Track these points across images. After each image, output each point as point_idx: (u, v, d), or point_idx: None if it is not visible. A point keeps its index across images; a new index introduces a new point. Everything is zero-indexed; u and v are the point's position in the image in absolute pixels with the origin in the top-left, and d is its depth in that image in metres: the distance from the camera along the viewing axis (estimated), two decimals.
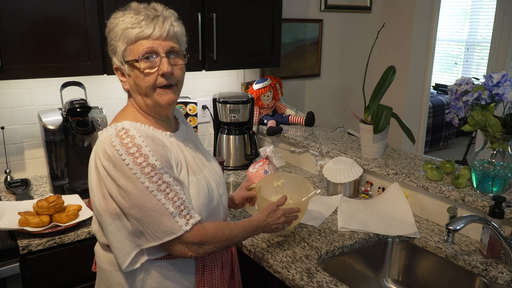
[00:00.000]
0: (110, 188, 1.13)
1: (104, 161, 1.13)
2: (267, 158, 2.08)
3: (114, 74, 1.93)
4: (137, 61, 1.16)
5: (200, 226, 1.17)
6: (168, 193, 1.13)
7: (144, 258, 1.18)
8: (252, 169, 2.07)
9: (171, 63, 1.18)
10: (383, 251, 1.68)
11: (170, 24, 1.19)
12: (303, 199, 1.54)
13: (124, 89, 1.26)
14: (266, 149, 2.10)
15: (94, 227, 1.28)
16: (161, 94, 1.19)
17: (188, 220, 1.14)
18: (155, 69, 1.16)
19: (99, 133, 1.22)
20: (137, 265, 1.17)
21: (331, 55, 3.20)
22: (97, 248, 1.30)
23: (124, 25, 1.16)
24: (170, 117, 1.30)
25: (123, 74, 1.23)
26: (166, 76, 1.18)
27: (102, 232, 1.22)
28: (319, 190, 1.61)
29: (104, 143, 1.15)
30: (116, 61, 1.22)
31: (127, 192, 1.11)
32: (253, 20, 2.31)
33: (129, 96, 1.27)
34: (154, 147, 1.14)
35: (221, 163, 1.92)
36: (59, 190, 1.91)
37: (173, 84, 1.20)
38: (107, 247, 1.24)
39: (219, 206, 1.31)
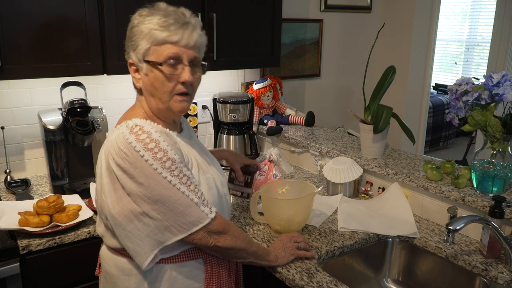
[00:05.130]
0: (129, 187, 1.11)
1: (119, 160, 1.11)
2: (270, 161, 2.03)
3: (114, 74, 1.96)
4: (160, 64, 1.15)
5: (222, 217, 1.21)
6: (189, 185, 1.14)
7: (159, 255, 1.17)
8: (258, 176, 1.99)
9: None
10: (383, 251, 1.67)
11: (198, 34, 1.19)
12: (304, 196, 1.55)
13: (136, 87, 1.24)
14: (272, 152, 2.05)
15: (100, 230, 1.26)
16: (177, 101, 1.19)
17: (211, 208, 1.17)
18: (176, 75, 1.17)
19: (107, 133, 1.21)
20: (154, 263, 1.16)
21: (331, 55, 3.20)
22: (104, 252, 1.28)
23: (151, 25, 1.15)
24: (177, 122, 1.31)
25: (137, 71, 1.21)
26: (186, 85, 1.18)
27: (111, 235, 1.20)
28: (320, 188, 1.64)
29: (117, 142, 1.12)
30: (133, 57, 1.19)
31: (149, 188, 1.10)
32: (253, 20, 2.31)
33: (139, 95, 1.25)
34: (170, 142, 1.15)
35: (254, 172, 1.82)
36: (59, 190, 1.91)
37: (189, 93, 1.21)
38: (114, 251, 1.23)
39: (225, 205, 1.34)
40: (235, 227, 1.26)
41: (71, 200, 1.75)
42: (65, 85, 1.93)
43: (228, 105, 2.33)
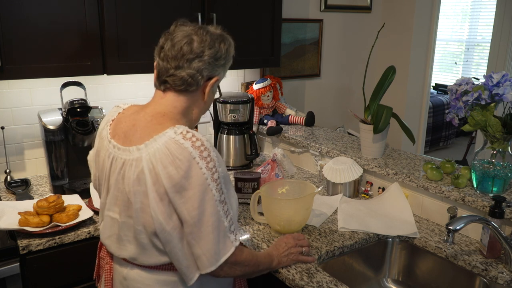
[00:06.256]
0: (176, 203, 1.07)
1: (172, 171, 1.04)
2: (274, 160, 2.02)
3: (113, 74, 1.97)
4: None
5: (239, 246, 1.16)
6: (224, 205, 1.10)
7: None
8: (262, 174, 1.98)
9: None
10: (383, 251, 1.68)
11: None
12: (305, 195, 1.55)
13: (206, 99, 1.24)
14: (276, 152, 2.03)
15: (129, 252, 1.17)
16: None
17: (236, 236, 1.13)
18: None
19: (145, 144, 1.10)
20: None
21: (331, 55, 3.20)
22: (136, 274, 1.20)
23: (232, 54, 1.27)
24: None
25: (211, 86, 1.23)
26: None
27: (155, 251, 1.15)
28: (320, 188, 1.65)
29: (169, 149, 1.06)
30: (222, 75, 1.25)
31: (196, 204, 1.06)
32: (253, 20, 2.31)
33: (187, 103, 1.21)
34: (217, 153, 1.11)
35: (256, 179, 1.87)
36: (59, 190, 1.91)
37: None
38: (155, 268, 1.18)
39: None
40: (248, 253, 1.22)
41: (71, 200, 1.75)
42: (65, 85, 1.93)
43: (228, 105, 2.33)
